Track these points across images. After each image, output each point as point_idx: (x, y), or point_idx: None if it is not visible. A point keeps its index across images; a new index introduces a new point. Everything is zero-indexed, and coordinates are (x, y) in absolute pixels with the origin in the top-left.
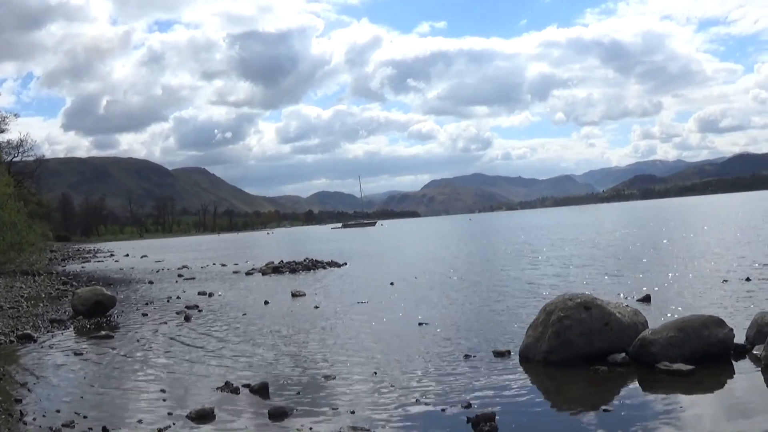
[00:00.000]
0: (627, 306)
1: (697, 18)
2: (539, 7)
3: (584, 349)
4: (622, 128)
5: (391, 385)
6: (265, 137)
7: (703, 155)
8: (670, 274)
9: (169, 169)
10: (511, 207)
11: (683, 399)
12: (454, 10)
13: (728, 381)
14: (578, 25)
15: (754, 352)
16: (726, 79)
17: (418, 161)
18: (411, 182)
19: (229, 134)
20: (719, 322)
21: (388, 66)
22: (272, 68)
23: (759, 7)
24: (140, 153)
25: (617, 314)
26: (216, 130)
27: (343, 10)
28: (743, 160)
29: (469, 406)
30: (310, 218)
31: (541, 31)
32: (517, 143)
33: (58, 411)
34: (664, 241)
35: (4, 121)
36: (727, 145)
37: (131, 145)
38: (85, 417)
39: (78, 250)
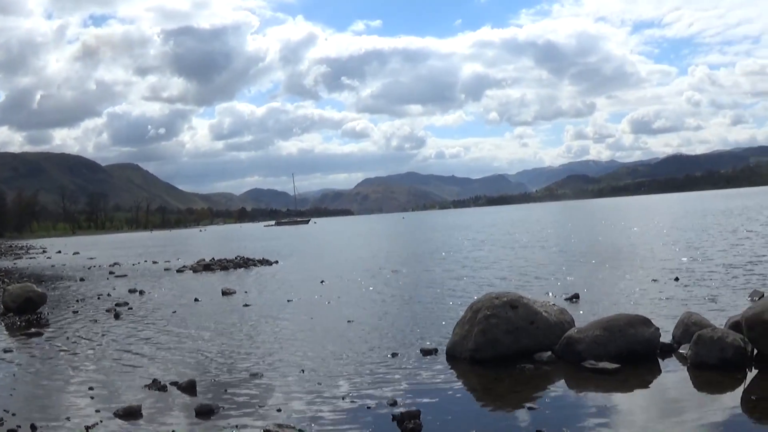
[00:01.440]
0: (554, 305)
1: (631, 20)
2: (474, 7)
3: (510, 347)
4: (556, 128)
5: (318, 383)
6: (198, 134)
7: (636, 156)
8: (599, 274)
9: (102, 165)
10: (444, 206)
11: (609, 397)
12: (390, 8)
13: (654, 379)
14: (513, 26)
15: (681, 351)
16: (660, 81)
17: (352, 159)
18: (345, 180)
19: (162, 130)
20: (645, 321)
21: (323, 64)
22: (206, 64)
23: (694, 10)
24: (73, 148)
25: (543, 313)
26: (149, 126)
27: (278, 7)
28: (676, 161)
29: (394, 403)
30: (243, 216)
31: (475, 31)
32: (451, 142)
33: None
34: (595, 240)
35: None
36: (660, 146)
37: (64, 140)
38: (13, 414)
39: (10, 246)
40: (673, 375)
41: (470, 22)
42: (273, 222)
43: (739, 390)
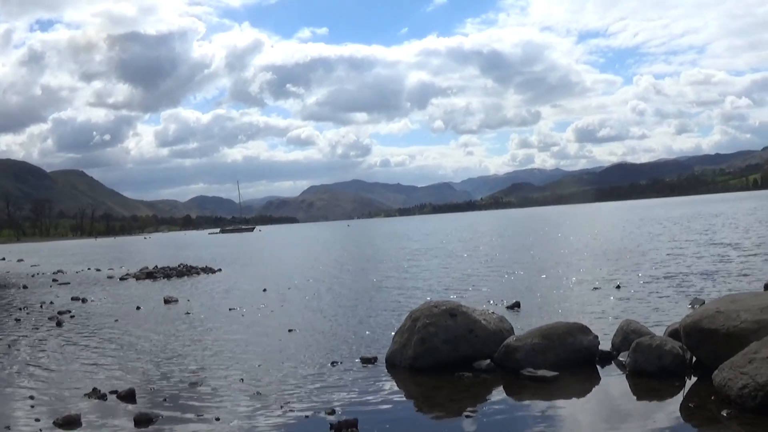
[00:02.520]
0: (493, 313)
1: (577, 30)
2: (420, 16)
3: (449, 355)
4: (501, 137)
5: (257, 392)
6: (143, 140)
7: (582, 164)
8: (541, 282)
9: (47, 172)
10: (389, 214)
11: (546, 405)
12: (336, 16)
13: (593, 387)
14: (458, 35)
15: (620, 358)
16: (605, 90)
17: (297, 167)
18: (290, 188)
19: (107, 137)
20: (584, 329)
21: (269, 71)
22: (152, 71)
23: (639, 20)
24: (18, 154)
25: (482, 321)
26: (95, 132)
27: (224, 13)
28: (621, 169)
29: (332, 412)
30: (188, 223)
31: (421, 40)
32: (396, 150)
33: None
34: (538, 248)
35: None
36: (605, 155)
37: (9, 146)
38: None
39: None
40: (612, 382)
41: (416, 30)
42: (218, 229)
43: (679, 397)
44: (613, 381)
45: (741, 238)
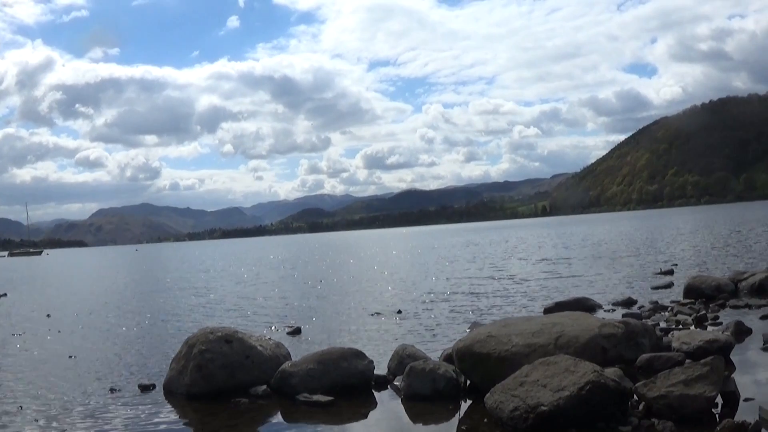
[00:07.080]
0: (270, 339)
1: (368, 58)
2: (212, 39)
3: (226, 382)
4: (291, 162)
5: (35, 419)
6: None
7: (371, 191)
8: (324, 307)
9: None
10: (179, 238)
11: (322, 429)
12: (128, 37)
13: (369, 412)
14: (250, 59)
15: (396, 383)
16: (395, 118)
17: (86, 189)
18: (78, 211)
19: None
20: (359, 354)
21: (59, 90)
22: None
23: (430, 50)
24: None
25: (259, 347)
26: None
27: (18, 29)
28: (410, 196)
29: None
30: None
31: (213, 63)
32: (186, 174)
33: None
34: (323, 274)
35: None
36: (395, 182)
37: None
38: None
39: None
40: (388, 407)
41: (208, 53)
42: (5, 253)
43: (453, 420)
44: (388, 405)
45: (522, 264)
